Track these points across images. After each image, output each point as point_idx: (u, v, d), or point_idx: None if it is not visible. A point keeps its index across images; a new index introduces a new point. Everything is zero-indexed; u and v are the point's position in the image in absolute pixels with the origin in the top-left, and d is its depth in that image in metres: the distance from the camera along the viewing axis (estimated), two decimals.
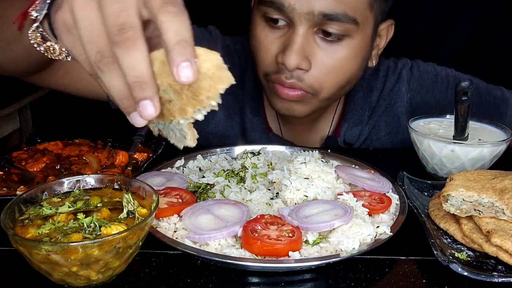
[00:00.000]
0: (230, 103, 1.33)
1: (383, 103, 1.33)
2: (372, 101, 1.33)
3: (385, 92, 1.33)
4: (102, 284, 0.67)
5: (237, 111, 1.33)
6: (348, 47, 1.07)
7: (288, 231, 0.75)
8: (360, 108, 1.33)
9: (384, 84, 1.33)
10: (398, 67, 1.35)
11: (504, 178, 0.86)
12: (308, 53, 1.06)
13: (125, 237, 0.62)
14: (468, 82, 0.96)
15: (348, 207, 0.80)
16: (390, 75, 1.34)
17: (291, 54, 1.04)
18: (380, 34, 1.19)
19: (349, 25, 1.03)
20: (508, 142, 1.03)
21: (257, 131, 1.32)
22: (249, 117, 1.32)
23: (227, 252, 0.72)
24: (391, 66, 1.35)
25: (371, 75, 1.34)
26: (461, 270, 0.69)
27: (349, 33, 1.05)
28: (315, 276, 0.72)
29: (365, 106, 1.33)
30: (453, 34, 1.83)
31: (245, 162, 1.00)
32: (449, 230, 0.81)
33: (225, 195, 0.89)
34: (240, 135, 1.34)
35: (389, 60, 1.38)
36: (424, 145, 1.05)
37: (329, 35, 1.05)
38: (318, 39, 1.06)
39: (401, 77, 1.33)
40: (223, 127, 1.33)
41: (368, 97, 1.33)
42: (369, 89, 1.34)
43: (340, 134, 1.33)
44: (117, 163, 1.02)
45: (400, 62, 1.36)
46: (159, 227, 0.79)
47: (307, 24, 1.03)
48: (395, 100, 1.33)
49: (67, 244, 0.60)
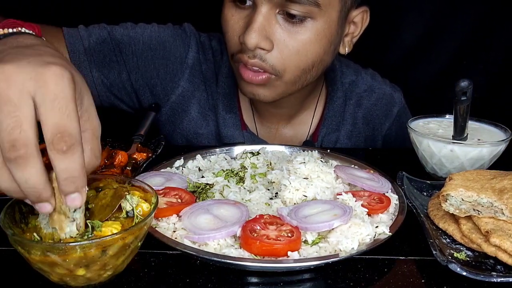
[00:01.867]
0: (204, 100, 1.32)
1: (360, 112, 1.37)
2: (350, 109, 1.36)
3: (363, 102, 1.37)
4: (101, 284, 0.67)
5: (211, 108, 1.32)
6: (310, 30, 1.07)
7: (287, 231, 0.75)
8: (339, 115, 1.34)
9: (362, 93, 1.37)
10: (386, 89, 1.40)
11: (503, 178, 0.86)
12: (269, 33, 1.06)
13: (124, 237, 0.62)
14: (467, 82, 0.96)
15: (347, 207, 0.80)
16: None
17: (250, 32, 1.03)
18: (355, 21, 1.19)
19: (310, 7, 1.03)
20: (507, 142, 1.03)
21: (229, 128, 1.31)
22: (221, 114, 1.31)
23: (226, 252, 0.72)
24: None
25: (352, 84, 1.37)
26: (460, 270, 0.69)
27: (311, 15, 1.05)
28: (314, 276, 0.72)
29: (344, 113, 1.35)
30: (453, 34, 1.83)
31: (245, 162, 1.00)
32: (448, 230, 0.81)
33: (224, 195, 0.89)
34: (214, 133, 1.33)
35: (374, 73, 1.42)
36: (423, 145, 1.05)
37: (292, 17, 1.05)
38: (281, 20, 1.06)
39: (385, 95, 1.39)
40: (196, 124, 1.33)
41: (348, 105, 1.35)
42: (348, 97, 1.36)
43: (318, 139, 1.33)
44: (116, 163, 1.02)
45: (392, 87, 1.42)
46: (158, 227, 0.79)
47: (269, 5, 1.04)
48: (373, 110, 1.37)
49: (65, 245, 0.60)
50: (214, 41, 1.34)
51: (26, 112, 0.55)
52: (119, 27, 1.26)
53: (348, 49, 1.22)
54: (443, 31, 1.82)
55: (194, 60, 1.31)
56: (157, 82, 1.29)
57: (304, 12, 1.04)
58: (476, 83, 1.01)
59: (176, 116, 1.33)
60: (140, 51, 1.26)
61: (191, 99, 1.31)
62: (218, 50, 1.34)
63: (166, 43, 1.28)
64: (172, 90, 1.30)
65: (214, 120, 1.33)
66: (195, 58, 1.31)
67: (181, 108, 1.32)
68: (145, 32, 1.27)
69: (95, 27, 1.25)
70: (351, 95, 1.37)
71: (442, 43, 1.84)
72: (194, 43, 1.31)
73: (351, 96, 1.37)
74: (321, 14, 1.06)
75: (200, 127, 1.33)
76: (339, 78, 1.35)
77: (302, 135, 1.36)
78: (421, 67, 1.87)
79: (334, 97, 1.34)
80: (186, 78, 1.30)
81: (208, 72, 1.32)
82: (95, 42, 1.23)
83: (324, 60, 1.15)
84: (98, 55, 1.23)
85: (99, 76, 1.24)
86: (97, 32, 1.24)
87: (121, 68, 1.26)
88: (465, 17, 1.78)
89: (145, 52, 1.26)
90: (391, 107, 1.40)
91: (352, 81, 1.38)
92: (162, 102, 1.32)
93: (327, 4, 1.05)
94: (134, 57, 1.26)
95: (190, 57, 1.30)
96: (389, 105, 1.40)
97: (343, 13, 1.12)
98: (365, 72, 1.42)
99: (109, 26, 1.26)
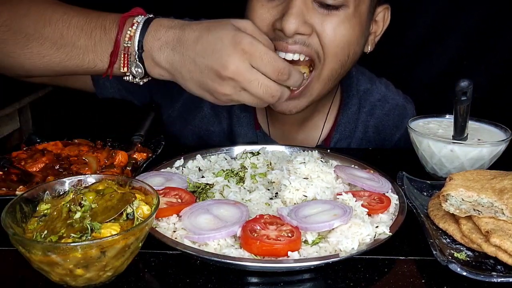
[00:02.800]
0: None
1: (372, 121, 1.36)
2: (363, 117, 1.35)
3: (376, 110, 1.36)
4: (101, 284, 0.67)
5: (225, 106, 1.32)
6: (345, 17, 1.07)
7: (287, 231, 0.75)
8: (353, 121, 1.34)
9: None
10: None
11: (503, 178, 0.86)
12: (307, 18, 1.06)
13: (124, 238, 0.62)
14: (468, 82, 0.96)
15: (347, 207, 0.80)
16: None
17: (289, 18, 1.02)
18: (377, 20, 1.19)
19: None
20: (507, 142, 1.03)
21: (243, 127, 1.31)
22: (236, 112, 1.31)
23: (226, 252, 0.72)
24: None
25: (367, 92, 1.37)
26: (460, 270, 0.69)
27: (345, 3, 1.06)
28: (314, 276, 0.72)
29: (357, 120, 1.34)
30: (455, 35, 1.83)
31: (245, 162, 1.00)
32: (448, 230, 0.81)
33: (224, 195, 0.89)
34: (226, 130, 1.33)
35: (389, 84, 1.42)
36: (423, 145, 1.05)
37: (326, 6, 1.05)
38: (317, 6, 1.06)
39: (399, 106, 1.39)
40: (209, 121, 1.33)
41: (361, 112, 1.35)
42: (362, 105, 1.36)
43: (330, 144, 1.33)
44: (116, 163, 1.02)
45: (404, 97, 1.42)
46: (158, 227, 0.79)
47: None
48: (385, 120, 1.36)
49: (66, 245, 0.60)
50: None
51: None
52: None
53: (371, 48, 1.22)
54: (445, 32, 1.82)
55: None
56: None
57: (338, 0, 1.04)
58: (477, 84, 1.01)
59: (188, 112, 1.33)
60: None
61: None
62: None
63: None
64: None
65: (227, 118, 1.33)
66: None
67: (194, 104, 1.32)
68: None
69: None
70: (365, 103, 1.36)
71: (443, 43, 1.84)
72: None
73: (365, 104, 1.36)
74: (355, 4, 1.07)
75: (212, 124, 1.33)
76: (355, 85, 1.35)
77: (313, 139, 1.36)
78: (422, 67, 1.88)
79: (349, 104, 1.33)
80: None
81: None
82: None
83: (356, 53, 1.15)
84: None
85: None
86: None
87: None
88: (468, 18, 1.78)
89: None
90: (403, 118, 1.38)
91: (367, 89, 1.37)
92: (176, 98, 1.32)
93: None
94: None
95: None
96: (401, 116, 1.39)
97: (371, 8, 1.13)
98: (380, 81, 1.41)
99: None
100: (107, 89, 1.30)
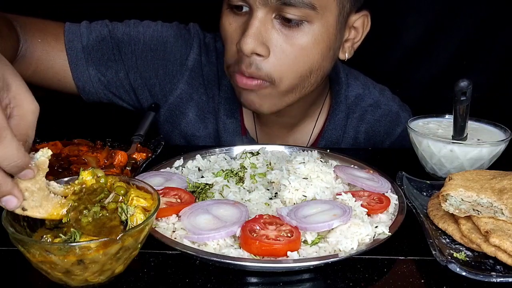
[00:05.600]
0: (202, 103, 1.31)
1: (363, 126, 1.35)
2: (353, 123, 1.34)
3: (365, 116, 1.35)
4: (101, 284, 0.67)
5: (211, 111, 1.31)
6: (307, 34, 1.05)
7: (286, 231, 0.75)
8: (340, 128, 1.32)
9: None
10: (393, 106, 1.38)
11: (503, 178, 0.86)
12: (266, 39, 1.04)
13: (123, 239, 0.62)
14: (467, 82, 0.96)
15: (347, 207, 0.80)
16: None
17: (246, 38, 1.02)
18: (355, 26, 1.16)
19: (306, 11, 1.02)
20: (507, 142, 1.03)
21: (229, 133, 1.29)
22: (222, 118, 1.29)
23: (225, 252, 0.72)
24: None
25: (358, 97, 1.35)
26: (460, 270, 0.69)
27: (308, 19, 1.03)
28: (314, 276, 0.72)
29: (346, 127, 1.33)
30: (453, 34, 1.83)
31: (244, 162, 1.00)
32: (447, 230, 0.81)
33: (224, 195, 0.89)
34: (213, 136, 1.32)
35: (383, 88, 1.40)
36: (423, 145, 1.05)
37: (288, 21, 1.03)
38: (277, 24, 1.04)
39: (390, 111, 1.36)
40: (194, 126, 1.32)
41: (351, 118, 1.33)
42: (352, 111, 1.34)
43: None
44: (116, 163, 1.02)
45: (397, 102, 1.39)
46: (157, 227, 0.79)
47: (264, 9, 1.02)
48: (376, 126, 1.35)
49: (65, 245, 0.60)
50: (219, 42, 1.31)
51: None
52: (121, 25, 1.26)
53: (349, 55, 1.19)
54: (443, 32, 1.82)
55: (195, 63, 1.30)
56: (155, 83, 1.29)
57: (300, 15, 1.02)
58: (476, 83, 1.01)
59: (174, 117, 1.32)
60: (140, 51, 1.26)
61: (189, 101, 1.30)
62: (222, 52, 1.30)
63: (168, 43, 1.27)
64: (171, 92, 1.30)
65: (214, 123, 1.32)
66: (196, 61, 1.30)
67: (179, 110, 1.31)
68: (147, 32, 1.26)
69: (98, 23, 1.25)
70: (355, 109, 1.34)
71: (442, 43, 1.84)
72: (197, 44, 1.30)
73: (355, 110, 1.34)
74: (318, 18, 1.04)
75: (198, 129, 1.32)
76: (344, 92, 1.32)
77: (301, 144, 1.34)
78: (421, 67, 1.87)
79: (336, 110, 1.31)
80: (185, 80, 1.29)
81: (210, 75, 1.31)
82: (94, 40, 1.23)
83: (322, 66, 1.13)
84: (96, 53, 1.23)
85: (96, 74, 1.24)
86: (98, 30, 1.24)
87: (119, 67, 1.26)
88: (466, 17, 1.78)
89: (144, 52, 1.26)
90: (395, 126, 1.36)
91: (358, 94, 1.35)
92: (161, 102, 1.32)
93: (323, 7, 1.04)
94: (133, 57, 1.26)
95: (191, 59, 1.29)
96: (393, 123, 1.36)
97: (342, 17, 1.10)
98: (374, 87, 1.38)
99: (112, 23, 1.26)
100: (92, 94, 1.28)
